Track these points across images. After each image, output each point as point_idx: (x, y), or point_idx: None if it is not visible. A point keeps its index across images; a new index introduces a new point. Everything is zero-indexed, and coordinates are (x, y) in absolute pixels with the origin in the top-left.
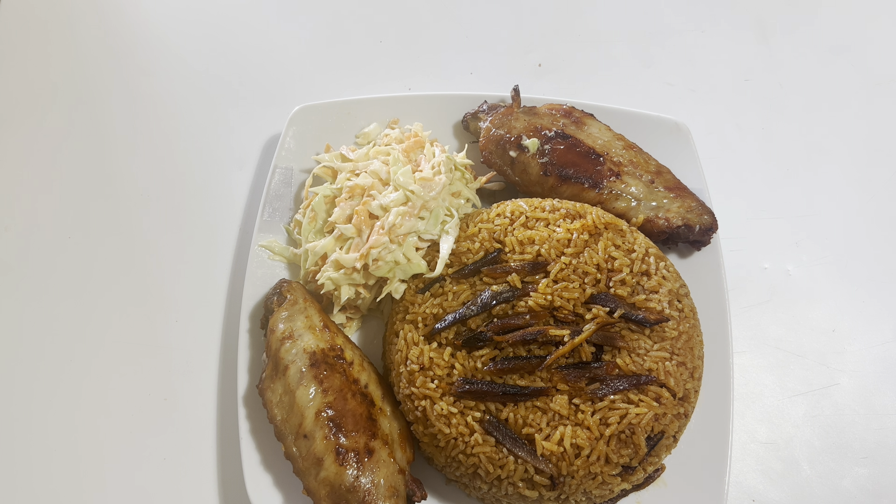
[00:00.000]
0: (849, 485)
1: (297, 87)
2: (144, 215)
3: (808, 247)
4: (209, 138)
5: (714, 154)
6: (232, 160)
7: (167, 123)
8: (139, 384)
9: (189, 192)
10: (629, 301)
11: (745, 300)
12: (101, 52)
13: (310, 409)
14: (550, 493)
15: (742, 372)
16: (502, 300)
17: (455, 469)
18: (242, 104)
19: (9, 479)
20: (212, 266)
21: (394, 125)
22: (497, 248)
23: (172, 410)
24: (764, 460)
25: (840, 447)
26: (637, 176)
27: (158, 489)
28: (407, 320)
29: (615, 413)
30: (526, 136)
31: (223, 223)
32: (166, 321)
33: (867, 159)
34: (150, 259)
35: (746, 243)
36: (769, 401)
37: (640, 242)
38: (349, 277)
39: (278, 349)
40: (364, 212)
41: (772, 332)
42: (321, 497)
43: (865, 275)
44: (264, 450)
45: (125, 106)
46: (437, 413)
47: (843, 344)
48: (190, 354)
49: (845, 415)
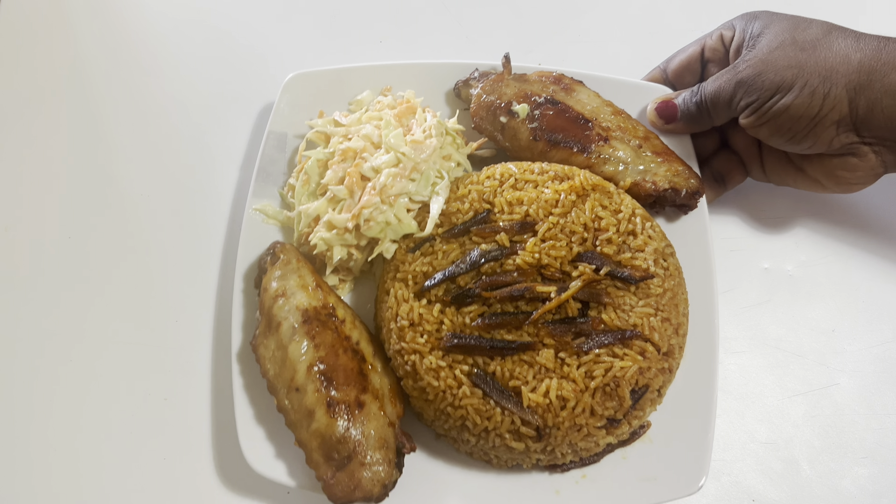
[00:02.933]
0: (849, 485)
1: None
2: (144, 212)
3: (808, 247)
4: (207, 136)
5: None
6: (229, 158)
7: (164, 120)
8: (138, 382)
9: (188, 191)
10: (615, 259)
11: (744, 300)
12: (99, 50)
13: (302, 363)
14: (536, 444)
15: (742, 372)
16: (491, 258)
17: (444, 422)
18: (238, 103)
19: (8, 479)
20: (205, 265)
21: (386, 93)
22: (486, 208)
23: (171, 409)
24: (764, 460)
25: (840, 447)
26: (625, 141)
27: (154, 477)
28: (397, 278)
29: (600, 366)
30: (516, 102)
31: (216, 219)
32: (166, 319)
33: None
34: (150, 256)
35: (746, 243)
36: (769, 401)
37: (626, 203)
38: (341, 238)
39: (271, 306)
40: (356, 173)
41: (772, 332)
42: (312, 448)
43: (865, 275)
44: (258, 405)
45: (124, 103)
46: (427, 367)
47: (842, 344)
48: (183, 350)
49: (845, 415)
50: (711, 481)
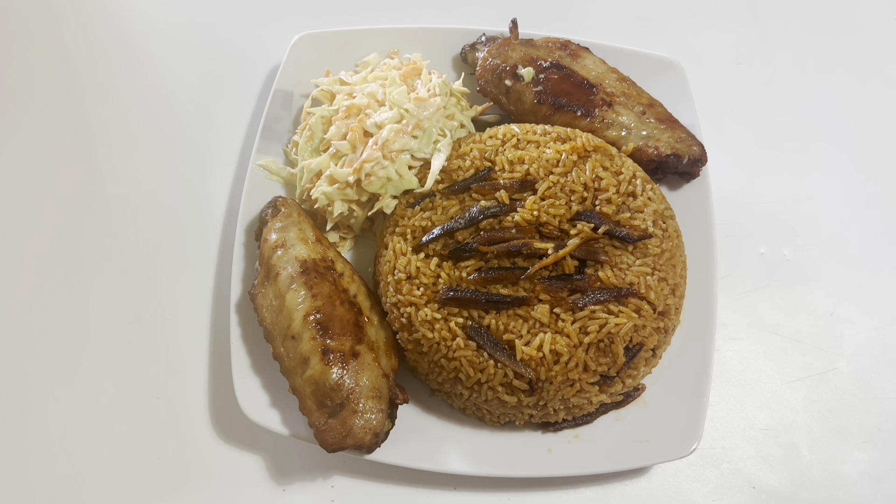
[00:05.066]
0: (849, 469)
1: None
2: (137, 201)
3: (805, 231)
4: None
5: (707, 139)
6: (220, 152)
7: (164, 98)
8: (132, 379)
9: (183, 185)
10: (614, 219)
11: (741, 286)
12: (84, 45)
13: (298, 311)
14: (529, 398)
15: (740, 358)
16: (490, 215)
17: (438, 375)
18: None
19: (1, 479)
20: (200, 264)
21: (393, 55)
22: (487, 166)
23: (166, 406)
24: (763, 447)
25: (840, 432)
26: (629, 107)
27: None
28: (396, 233)
29: (595, 322)
30: (522, 66)
31: (210, 215)
32: (159, 319)
33: (863, 141)
34: (145, 252)
35: (742, 228)
36: (768, 387)
37: (627, 166)
38: (342, 193)
39: (270, 256)
40: (359, 129)
41: (769, 317)
42: (306, 395)
43: (863, 258)
44: (254, 356)
45: (110, 95)
46: (422, 319)
47: (841, 328)
48: (181, 350)
49: (844, 399)
50: (711, 469)
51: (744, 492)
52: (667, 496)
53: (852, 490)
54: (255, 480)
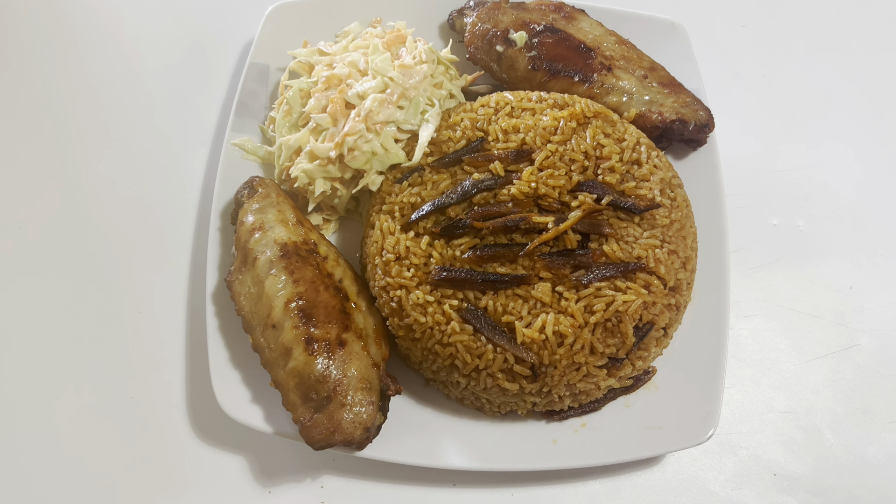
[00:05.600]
0: (876, 452)
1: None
2: (106, 190)
3: (819, 199)
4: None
5: (712, 106)
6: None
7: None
8: (104, 379)
9: (154, 170)
10: (618, 188)
11: (753, 260)
12: (45, 23)
13: (279, 298)
14: (532, 384)
15: (755, 337)
16: (484, 188)
17: (432, 363)
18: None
19: None
20: (174, 253)
21: (376, 24)
22: (480, 136)
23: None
24: (784, 430)
25: (864, 412)
26: (630, 71)
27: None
28: (383, 210)
29: (601, 300)
30: (513, 30)
31: (184, 204)
32: (132, 312)
33: (876, 103)
34: (115, 243)
35: (752, 199)
36: (786, 366)
37: (630, 132)
38: (324, 170)
39: (247, 240)
40: (340, 100)
41: (784, 292)
42: (289, 388)
43: (881, 226)
44: (233, 348)
45: (74, 78)
46: (413, 302)
47: (861, 301)
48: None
49: (868, 377)
50: (729, 456)
51: (764, 479)
52: (682, 486)
53: (880, 473)
54: (238, 483)
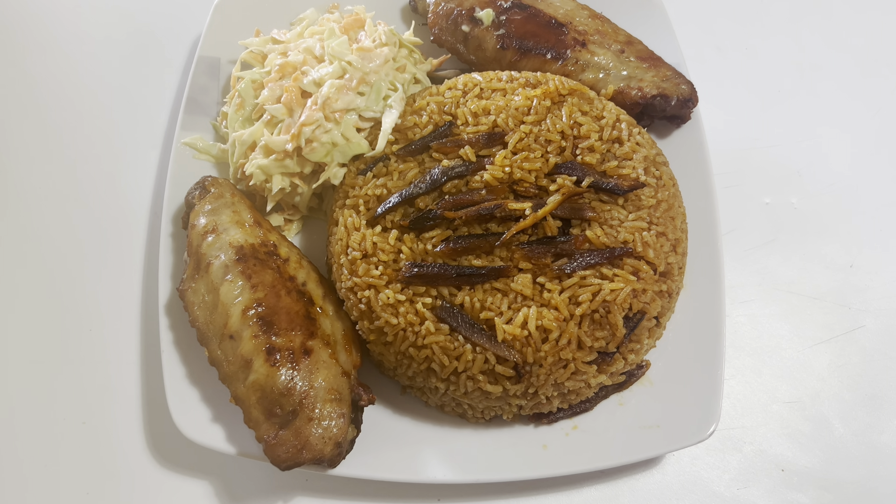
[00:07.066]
0: (889, 440)
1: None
2: (50, 199)
3: (813, 175)
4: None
5: (694, 81)
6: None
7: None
8: (53, 403)
9: (101, 177)
10: (599, 169)
11: (747, 241)
12: None
13: (236, 306)
14: (516, 386)
15: (753, 323)
16: (455, 175)
17: (407, 368)
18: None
19: None
20: (125, 264)
21: (333, 10)
22: (448, 120)
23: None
24: (789, 422)
25: (874, 398)
26: (605, 45)
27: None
28: (347, 205)
29: (586, 290)
30: (479, 8)
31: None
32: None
33: (866, 71)
34: (61, 256)
35: (742, 178)
36: (788, 353)
37: (609, 109)
38: (281, 165)
39: (200, 244)
40: (295, 89)
41: (781, 274)
42: (251, 404)
43: (880, 199)
44: (190, 364)
45: (13, 80)
46: (383, 303)
47: (863, 280)
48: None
49: (875, 360)
50: (733, 453)
51: (772, 476)
52: (684, 489)
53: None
54: None
